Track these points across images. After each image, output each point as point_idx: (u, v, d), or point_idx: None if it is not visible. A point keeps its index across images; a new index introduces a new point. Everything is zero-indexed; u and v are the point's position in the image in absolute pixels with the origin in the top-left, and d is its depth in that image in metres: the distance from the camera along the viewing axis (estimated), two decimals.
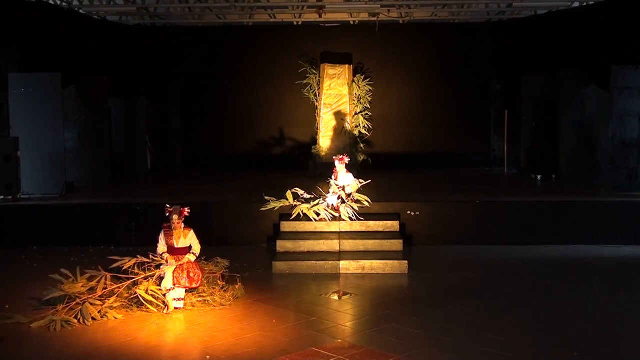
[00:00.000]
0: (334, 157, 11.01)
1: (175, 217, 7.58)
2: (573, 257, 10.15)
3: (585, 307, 7.67)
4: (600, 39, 14.05)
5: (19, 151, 11.87)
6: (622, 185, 12.01)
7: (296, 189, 10.77)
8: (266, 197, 10.75)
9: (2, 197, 11.66)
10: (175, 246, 7.61)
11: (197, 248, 7.72)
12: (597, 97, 12.60)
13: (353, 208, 10.39)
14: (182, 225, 7.66)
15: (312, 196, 10.68)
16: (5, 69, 12.46)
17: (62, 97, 12.54)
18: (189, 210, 7.71)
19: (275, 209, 10.63)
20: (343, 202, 10.43)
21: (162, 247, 7.64)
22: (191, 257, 7.61)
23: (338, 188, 10.50)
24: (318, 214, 10.27)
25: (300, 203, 10.46)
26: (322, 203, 10.41)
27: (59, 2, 15.00)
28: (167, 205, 7.71)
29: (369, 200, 10.70)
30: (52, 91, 12.38)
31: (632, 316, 7.40)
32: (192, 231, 7.72)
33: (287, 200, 10.52)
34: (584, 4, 15.42)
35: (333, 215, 10.30)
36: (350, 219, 10.30)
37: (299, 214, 10.32)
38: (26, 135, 12.16)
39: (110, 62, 15.67)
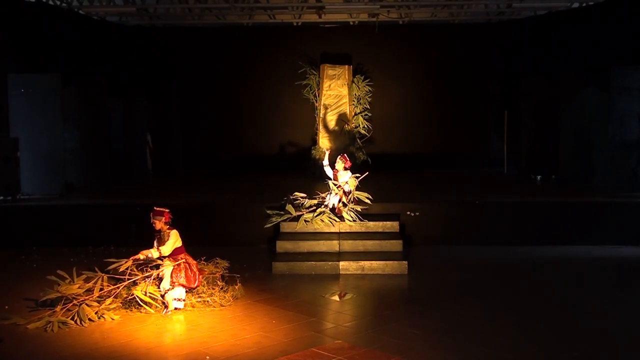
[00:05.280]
0: (339, 157, 10.91)
1: (151, 216, 7.60)
2: (573, 257, 10.15)
3: (585, 307, 7.67)
4: (600, 39, 14.05)
5: (18, 151, 11.87)
6: (622, 186, 12.01)
7: (295, 193, 10.67)
8: (268, 211, 10.63)
9: (1, 197, 11.66)
10: None
11: (165, 248, 7.52)
12: (597, 97, 12.60)
13: (355, 210, 10.36)
14: (167, 227, 7.62)
15: (316, 201, 10.56)
16: (5, 69, 12.46)
17: (62, 98, 12.53)
18: (170, 217, 7.64)
19: (279, 220, 10.49)
20: (344, 205, 10.38)
21: (155, 252, 7.56)
22: (154, 252, 7.46)
23: (337, 187, 10.46)
24: (322, 221, 10.23)
25: (302, 212, 10.38)
26: (325, 211, 10.31)
27: (58, 3, 14.99)
28: (155, 207, 7.70)
29: (370, 197, 10.64)
30: (52, 92, 12.37)
31: (632, 316, 7.40)
32: (173, 232, 7.60)
33: (289, 213, 10.40)
34: (584, 4, 15.42)
35: (337, 221, 10.26)
36: (354, 221, 10.27)
37: (303, 221, 10.23)
38: (26, 135, 12.16)
39: (109, 62, 15.68)
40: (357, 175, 10.70)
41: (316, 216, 10.22)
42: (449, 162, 17.31)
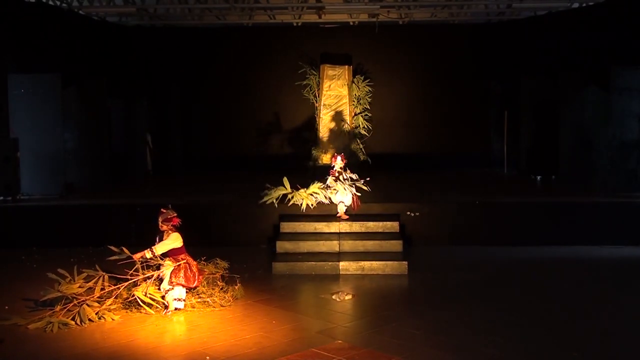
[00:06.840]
0: (334, 156, 11.04)
1: (160, 219, 7.58)
2: (573, 257, 10.16)
3: (584, 308, 7.67)
4: (599, 39, 14.05)
5: (18, 152, 11.87)
6: (622, 186, 12.01)
7: (297, 186, 10.81)
8: (267, 185, 10.82)
9: (1, 197, 11.65)
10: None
11: (158, 247, 7.50)
12: (597, 97, 12.59)
13: (352, 178, 10.46)
14: (171, 229, 7.62)
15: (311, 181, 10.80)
16: (5, 69, 12.45)
17: (62, 98, 12.53)
18: (180, 221, 7.63)
19: (276, 200, 10.57)
20: (337, 180, 10.53)
21: (148, 253, 7.51)
22: (147, 253, 7.46)
23: (335, 171, 10.65)
24: (316, 193, 10.37)
25: (296, 190, 10.48)
26: (316, 184, 10.52)
27: (58, 3, 14.99)
28: (162, 209, 7.69)
29: (368, 187, 10.70)
30: (52, 92, 12.37)
31: (632, 316, 7.40)
32: (174, 234, 7.57)
33: (284, 187, 10.53)
34: (584, 4, 15.42)
35: (330, 198, 10.40)
36: (350, 185, 10.34)
37: (298, 201, 10.39)
38: (26, 135, 12.15)
39: (109, 63, 15.67)
40: (357, 176, 10.78)
41: (308, 191, 10.32)
42: (449, 162, 17.28)
